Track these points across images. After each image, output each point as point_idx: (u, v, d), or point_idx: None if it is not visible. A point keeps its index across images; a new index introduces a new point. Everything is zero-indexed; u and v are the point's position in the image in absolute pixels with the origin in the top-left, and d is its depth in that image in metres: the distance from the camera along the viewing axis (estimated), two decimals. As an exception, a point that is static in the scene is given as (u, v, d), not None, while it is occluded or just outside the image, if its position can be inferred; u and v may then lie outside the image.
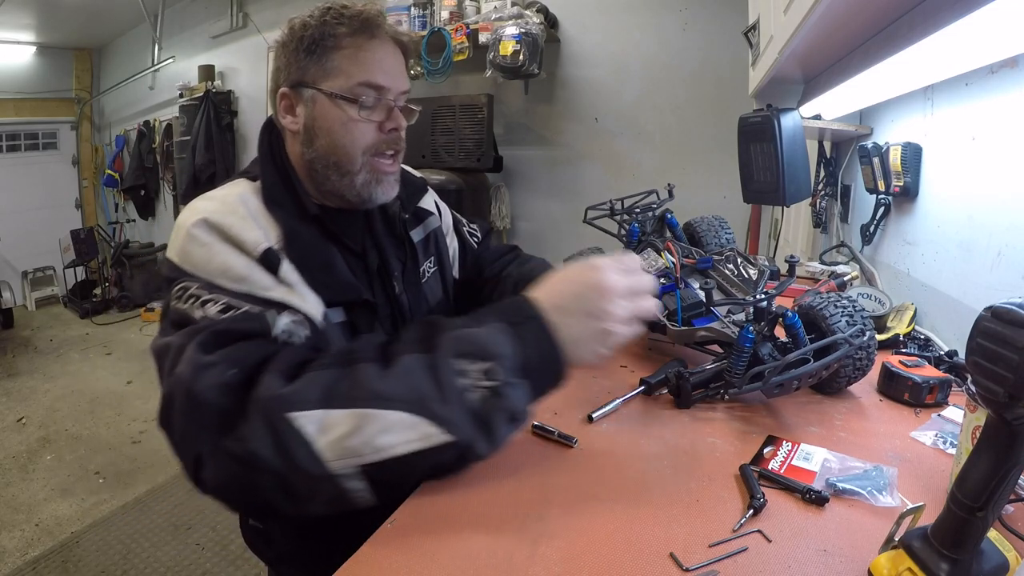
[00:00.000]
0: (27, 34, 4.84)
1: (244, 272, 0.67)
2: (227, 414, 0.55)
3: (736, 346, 0.74)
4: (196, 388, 0.55)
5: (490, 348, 0.56)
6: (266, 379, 0.56)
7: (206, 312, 0.63)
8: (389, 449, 0.53)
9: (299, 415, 0.53)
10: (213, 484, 0.56)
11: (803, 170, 1.26)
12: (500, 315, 0.60)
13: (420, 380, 0.55)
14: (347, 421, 0.53)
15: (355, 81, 0.75)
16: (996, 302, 0.38)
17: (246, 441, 0.53)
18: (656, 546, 0.50)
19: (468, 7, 2.76)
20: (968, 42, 0.72)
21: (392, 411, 0.54)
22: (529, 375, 0.57)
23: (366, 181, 0.78)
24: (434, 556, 0.49)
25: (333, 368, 0.57)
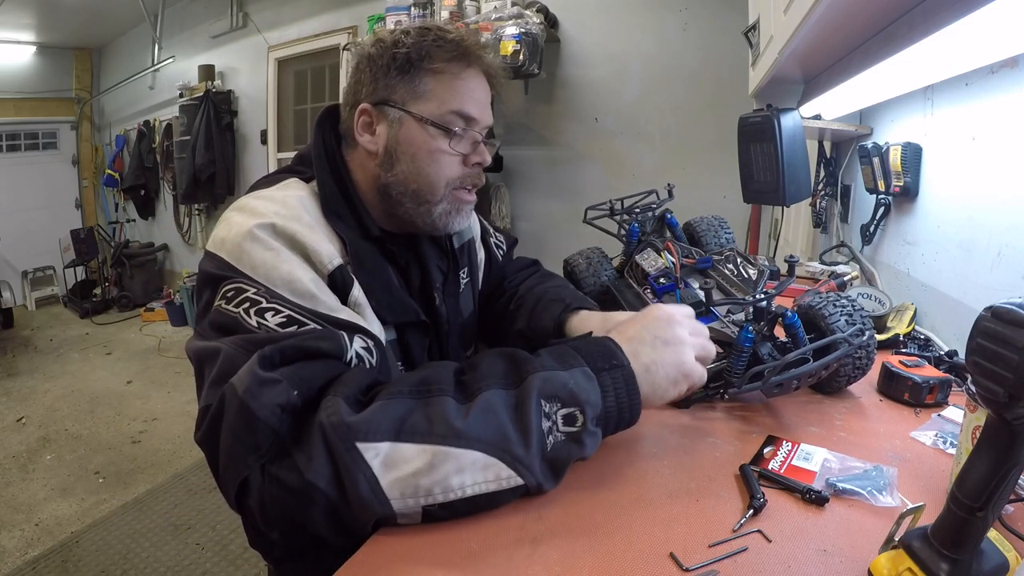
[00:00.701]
0: (27, 34, 4.84)
1: (311, 288, 0.62)
2: (284, 438, 0.52)
3: (736, 346, 0.74)
4: (253, 405, 0.50)
5: (578, 395, 0.55)
6: (331, 403, 0.52)
7: (265, 321, 0.58)
8: (459, 490, 0.50)
9: (367, 446, 0.49)
10: (259, 511, 0.51)
11: (803, 170, 1.26)
12: (587, 358, 0.58)
13: (503, 420, 0.52)
14: (420, 458, 0.50)
15: (447, 109, 0.72)
16: (996, 302, 0.37)
17: (302, 470, 0.50)
18: (656, 546, 0.50)
19: (468, 7, 2.76)
20: (968, 42, 0.72)
21: (470, 451, 0.50)
22: (607, 423, 0.57)
23: (445, 211, 0.75)
24: (434, 556, 0.49)
25: (407, 398, 0.53)
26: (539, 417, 0.53)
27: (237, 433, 0.51)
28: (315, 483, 0.49)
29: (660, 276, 0.96)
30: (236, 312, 0.59)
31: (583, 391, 0.55)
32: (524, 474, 0.52)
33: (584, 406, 0.55)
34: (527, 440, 0.52)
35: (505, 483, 0.52)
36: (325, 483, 0.49)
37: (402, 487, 0.49)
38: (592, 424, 0.55)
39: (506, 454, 0.51)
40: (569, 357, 0.58)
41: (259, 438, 0.51)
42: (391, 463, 0.50)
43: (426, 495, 0.50)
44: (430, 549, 0.50)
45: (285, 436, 0.52)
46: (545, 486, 0.54)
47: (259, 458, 0.51)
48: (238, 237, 0.63)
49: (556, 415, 0.54)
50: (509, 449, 0.51)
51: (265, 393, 0.51)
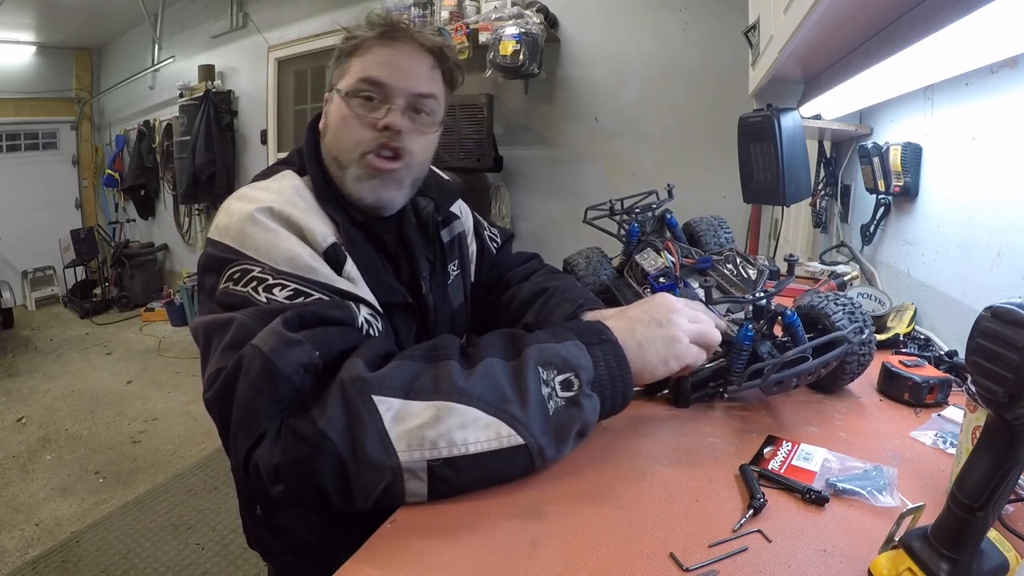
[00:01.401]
0: (27, 34, 4.84)
1: (311, 263, 0.67)
2: (304, 395, 0.54)
3: (735, 344, 0.74)
4: (278, 363, 0.53)
5: (571, 360, 0.58)
6: (352, 362, 0.56)
7: (273, 295, 0.61)
8: (463, 445, 0.53)
9: (380, 399, 0.53)
10: (268, 463, 0.53)
11: (803, 170, 1.26)
12: (577, 334, 0.62)
13: (502, 382, 0.56)
14: (426, 412, 0.53)
15: (357, 78, 0.77)
16: (996, 302, 0.37)
17: (318, 421, 0.52)
18: (656, 546, 0.50)
19: (468, 7, 2.76)
20: (968, 42, 0.72)
21: (471, 408, 0.53)
22: (602, 391, 0.60)
23: (357, 176, 0.77)
24: (434, 556, 0.49)
25: (418, 361, 0.58)
26: (537, 382, 0.56)
27: (259, 387, 0.53)
28: (327, 432, 0.51)
29: (660, 276, 0.96)
30: (245, 291, 0.62)
31: (575, 357, 0.59)
32: (523, 433, 0.54)
33: (578, 370, 0.58)
34: (525, 401, 0.55)
35: (506, 441, 0.54)
36: (337, 433, 0.52)
37: (409, 438, 0.52)
38: (588, 388, 0.58)
39: (505, 413, 0.54)
40: (561, 333, 0.62)
41: (281, 393, 0.53)
42: (400, 417, 0.53)
43: (431, 447, 0.52)
44: (430, 549, 0.50)
45: (305, 394, 0.54)
46: (547, 451, 0.56)
47: (279, 411, 0.54)
48: (239, 222, 0.67)
49: (554, 381, 0.57)
50: (508, 408, 0.54)
51: (290, 352, 0.54)
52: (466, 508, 0.55)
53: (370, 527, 0.54)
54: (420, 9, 2.90)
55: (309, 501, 0.54)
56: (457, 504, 0.56)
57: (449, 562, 0.48)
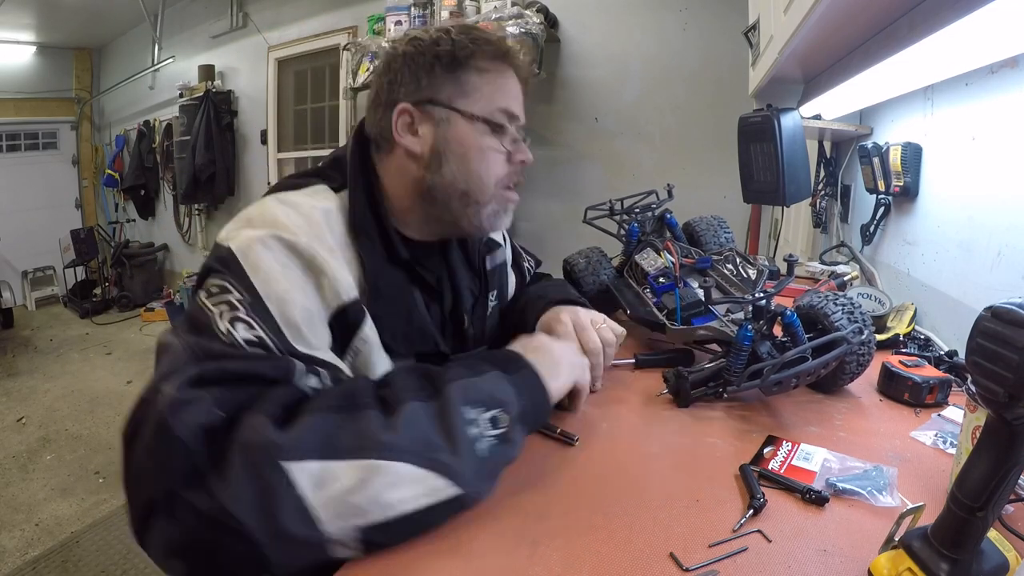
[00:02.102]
0: (27, 34, 4.84)
1: (299, 319, 0.58)
2: (201, 462, 0.46)
3: (735, 344, 0.74)
4: (172, 422, 0.46)
5: (497, 395, 0.56)
6: (252, 420, 0.48)
7: (233, 331, 0.54)
8: (397, 506, 0.47)
9: (292, 465, 0.45)
10: (162, 540, 0.46)
11: (803, 170, 1.26)
12: (494, 363, 0.60)
13: (428, 429, 0.51)
14: (350, 474, 0.46)
15: (496, 106, 0.70)
16: (996, 302, 0.37)
17: (217, 495, 0.44)
18: (656, 546, 0.50)
19: (468, 7, 2.76)
20: (968, 42, 0.72)
21: (400, 463, 0.48)
22: (526, 420, 0.59)
23: (493, 212, 0.73)
24: (434, 556, 0.49)
25: (332, 413, 0.50)
26: (464, 424, 0.52)
27: (152, 451, 0.47)
28: (231, 508, 0.44)
29: (659, 275, 0.96)
30: (212, 311, 0.55)
31: (501, 391, 0.57)
32: (458, 481, 0.50)
33: (505, 405, 0.56)
34: (455, 447, 0.51)
35: (441, 494, 0.49)
36: (244, 508, 0.44)
37: (335, 507, 0.45)
38: (514, 422, 0.56)
39: (436, 463, 0.49)
40: (479, 364, 0.60)
41: (173, 460, 0.46)
42: (320, 483, 0.46)
43: (361, 515, 0.46)
44: (430, 550, 0.50)
45: (203, 460, 0.46)
46: (482, 494, 0.53)
47: (171, 481, 0.46)
48: (255, 235, 0.60)
49: (482, 419, 0.54)
50: (438, 458, 0.50)
51: (187, 412, 0.47)
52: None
53: None
54: (420, 9, 2.90)
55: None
56: (457, 504, 0.56)
57: (449, 562, 0.48)
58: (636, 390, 0.83)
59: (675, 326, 0.88)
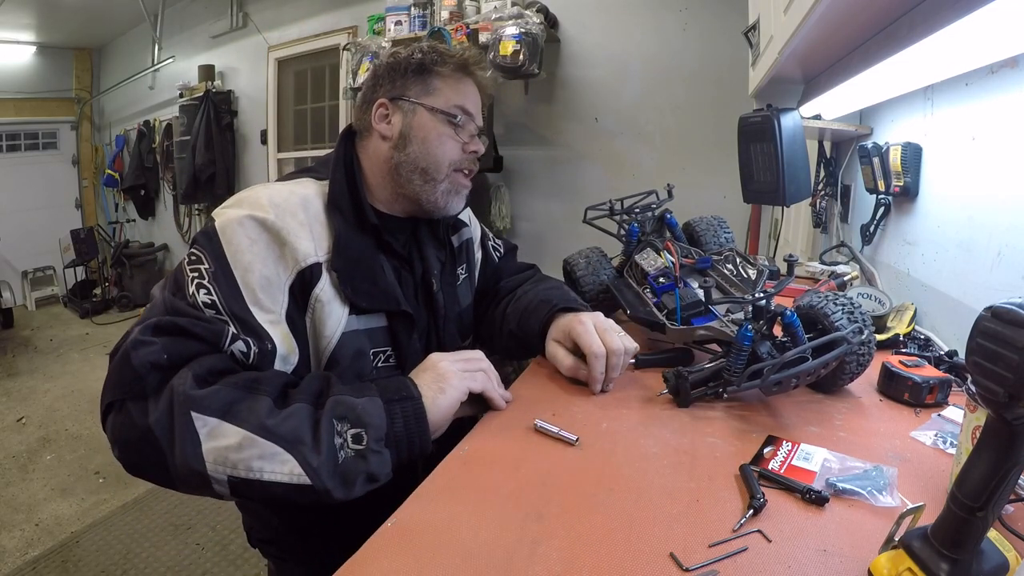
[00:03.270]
0: (27, 34, 4.84)
1: (257, 284, 0.72)
2: (144, 385, 0.62)
3: (735, 345, 0.74)
4: (131, 354, 0.63)
5: (363, 417, 0.64)
6: (183, 375, 0.62)
7: (196, 295, 0.69)
8: (258, 472, 0.60)
9: (198, 417, 0.60)
10: (112, 432, 0.63)
11: (803, 170, 1.26)
12: (383, 391, 0.68)
13: (302, 427, 0.62)
14: (234, 436, 0.60)
15: (453, 103, 0.87)
16: (996, 302, 0.37)
17: (149, 416, 0.61)
18: (656, 546, 0.50)
19: (468, 7, 2.76)
20: (968, 42, 0.72)
21: (272, 444, 0.60)
22: (396, 445, 0.65)
23: (446, 190, 0.88)
24: (434, 556, 0.49)
25: (239, 390, 0.63)
26: (330, 433, 0.62)
27: (116, 370, 0.64)
28: (154, 429, 0.60)
29: (659, 276, 0.96)
30: (187, 276, 0.70)
31: (367, 414, 0.64)
32: (312, 476, 0.60)
33: (367, 427, 0.64)
34: (318, 448, 0.61)
35: (296, 479, 0.60)
36: (162, 432, 0.60)
37: (216, 455, 0.60)
38: (375, 444, 0.64)
39: (300, 455, 0.60)
40: (366, 389, 0.68)
41: (126, 379, 0.62)
42: (213, 435, 0.60)
43: (232, 467, 0.60)
44: (430, 549, 0.50)
45: (148, 386, 0.62)
46: (334, 492, 0.62)
47: (123, 393, 0.62)
48: (235, 215, 0.74)
49: (346, 433, 0.63)
50: (302, 452, 0.61)
51: (143, 349, 0.63)
52: (467, 508, 0.55)
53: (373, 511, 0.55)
54: (420, 9, 2.90)
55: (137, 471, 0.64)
56: (457, 504, 0.56)
57: (449, 562, 0.48)
58: (636, 390, 0.83)
59: (675, 326, 0.88)
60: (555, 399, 0.80)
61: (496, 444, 0.68)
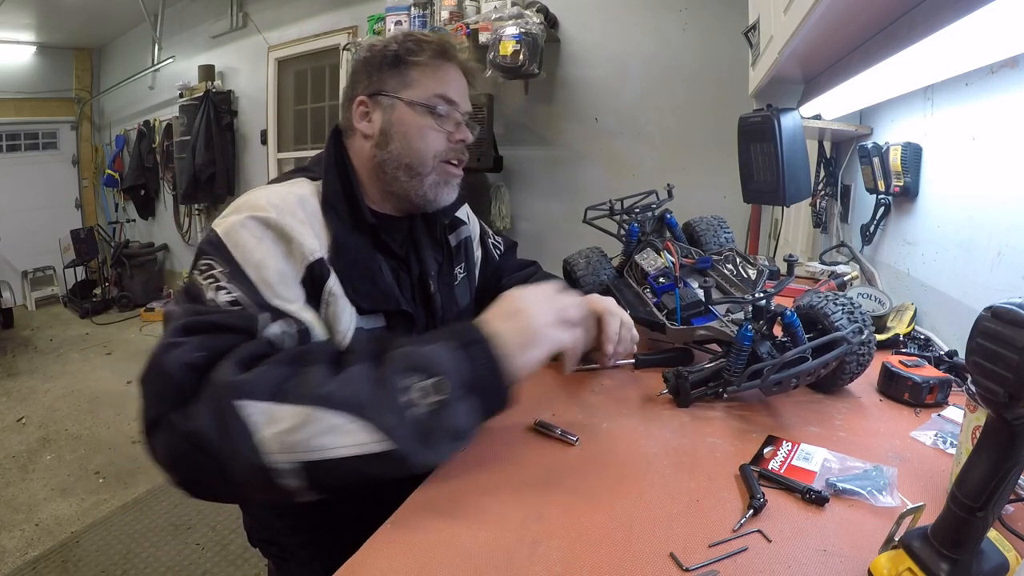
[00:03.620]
0: (27, 34, 4.84)
1: (273, 278, 0.69)
2: (184, 391, 0.57)
3: (735, 344, 0.74)
4: (163, 360, 0.58)
5: (435, 364, 0.58)
6: (223, 365, 0.58)
7: (216, 298, 0.65)
8: (328, 450, 0.54)
9: (246, 403, 0.54)
10: (161, 454, 0.57)
11: (803, 170, 1.26)
12: (449, 336, 0.63)
13: (365, 388, 0.57)
14: (292, 417, 0.54)
15: (432, 93, 0.83)
16: (996, 302, 0.37)
17: (193, 419, 0.55)
18: (656, 546, 0.50)
19: (468, 7, 2.76)
20: (968, 42, 0.72)
21: (335, 413, 0.55)
22: (475, 393, 0.59)
23: (435, 183, 0.85)
24: (434, 556, 0.49)
25: (286, 365, 0.59)
26: (398, 388, 0.57)
27: (150, 381, 0.58)
28: (202, 432, 0.54)
29: (659, 276, 0.96)
30: (202, 284, 0.67)
31: (440, 361, 0.59)
32: (386, 439, 0.55)
33: (444, 375, 0.58)
34: (389, 406, 0.56)
35: (372, 447, 0.54)
36: (212, 433, 0.54)
37: (279, 441, 0.54)
38: (457, 392, 0.58)
39: (368, 420, 0.55)
40: (431, 337, 0.63)
41: (165, 387, 0.57)
42: (268, 420, 0.54)
43: (301, 450, 0.54)
44: (430, 549, 0.50)
45: (187, 391, 0.57)
46: (415, 455, 0.56)
47: (163, 405, 0.56)
48: (236, 219, 0.71)
49: (417, 386, 0.57)
50: (371, 414, 0.55)
51: (174, 351, 0.58)
52: (467, 508, 0.55)
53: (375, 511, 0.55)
54: (420, 9, 2.90)
55: (201, 491, 0.58)
56: (458, 504, 0.56)
57: (449, 562, 0.48)
58: (636, 390, 0.83)
59: (675, 326, 0.88)
60: (555, 399, 0.80)
61: (496, 444, 0.68)
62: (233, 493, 0.57)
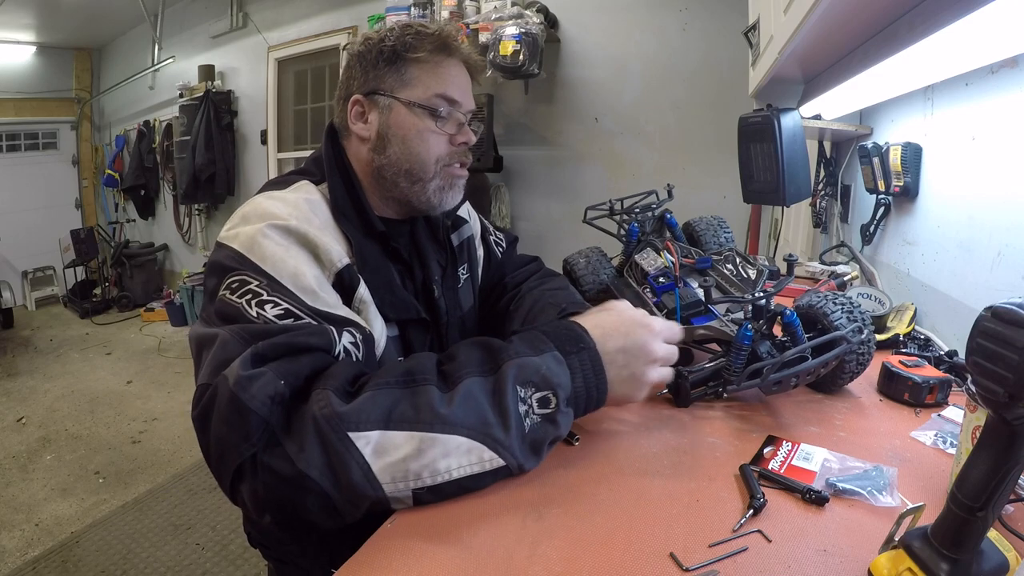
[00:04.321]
0: (27, 34, 4.84)
1: (313, 285, 0.65)
2: (273, 426, 0.53)
3: (735, 344, 0.74)
4: (243, 396, 0.52)
5: (550, 378, 0.58)
6: (322, 396, 0.54)
7: (264, 312, 0.61)
8: (446, 473, 0.53)
9: (359, 435, 0.52)
10: (252, 499, 0.54)
11: (803, 170, 1.26)
12: (555, 341, 0.62)
13: (483, 406, 0.56)
14: (408, 444, 0.53)
15: (432, 92, 0.78)
16: (996, 302, 0.37)
17: (295, 459, 0.51)
18: (656, 546, 0.50)
19: (468, 7, 2.76)
20: (968, 42, 0.72)
21: (454, 436, 0.54)
22: (577, 403, 0.61)
23: (438, 187, 0.81)
24: (434, 556, 0.49)
25: (394, 388, 0.56)
26: (515, 402, 0.57)
27: (230, 422, 0.53)
28: (307, 472, 0.51)
29: (659, 275, 0.96)
30: (239, 303, 0.62)
31: (554, 375, 0.59)
32: (505, 456, 0.55)
33: (556, 389, 0.58)
34: (506, 423, 0.56)
35: (488, 464, 0.55)
36: (318, 472, 0.52)
37: (393, 472, 0.52)
38: (564, 405, 0.59)
39: (488, 437, 0.55)
40: (539, 342, 0.62)
41: (250, 427, 0.52)
42: (381, 450, 0.52)
43: (415, 479, 0.53)
44: (430, 549, 0.50)
45: (275, 426, 0.53)
46: (526, 466, 0.57)
47: (251, 446, 0.53)
48: (252, 231, 0.66)
49: (531, 399, 0.58)
50: (490, 433, 0.55)
51: (254, 385, 0.53)
52: (466, 508, 0.55)
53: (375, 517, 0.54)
54: (420, 9, 2.90)
55: (295, 526, 0.55)
56: (458, 504, 0.56)
57: (449, 562, 0.48)
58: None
59: (675, 326, 0.88)
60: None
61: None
62: (334, 524, 0.55)
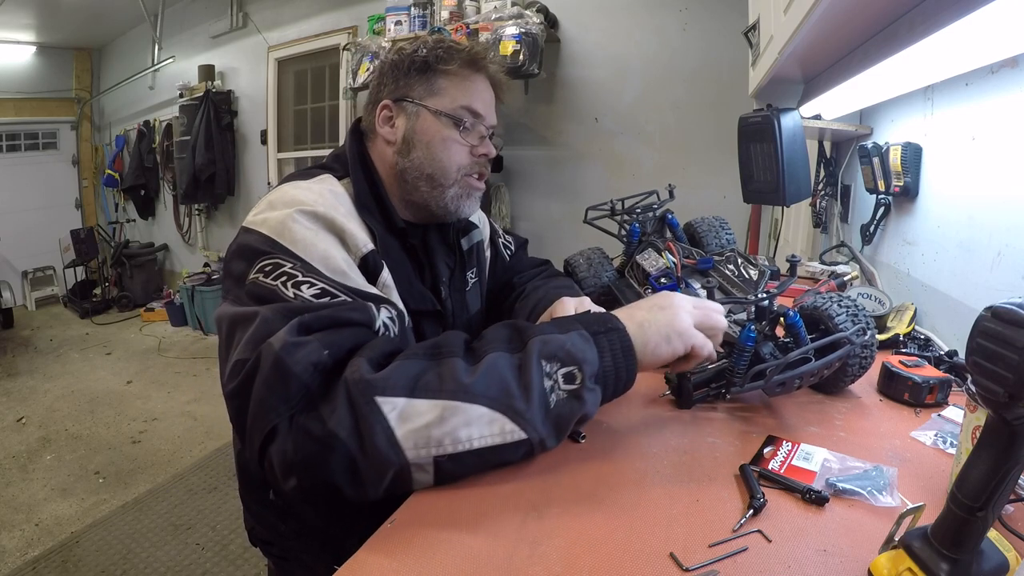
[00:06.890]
0: (27, 34, 4.84)
1: (343, 266, 0.69)
2: (312, 392, 0.56)
3: (738, 345, 0.74)
4: (288, 360, 0.55)
5: (575, 353, 0.59)
6: (355, 363, 0.57)
7: (301, 292, 0.63)
8: (467, 442, 0.55)
9: (384, 400, 0.54)
10: (281, 459, 0.55)
11: (803, 170, 1.26)
12: (584, 323, 0.64)
13: (506, 378, 0.57)
14: (431, 411, 0.54)
15: (458, 104, 0.82)
16: (996, 302, 0.37)
17: (326, 420, 0.54)
18: (656, 546, 0.50)
19: (468, 7, 2.76)
20: (968, 42, 0.72)
21: (476, 405, 0.55)
22: (605, 382, 0.61)
23: (456, 195, 0.84)
24: (434, 556, 0.49)
25: (421, 359, 0.59)
26: (540, 376, 0.57)
27: (271, 385, 0.56)
28: (336, 432, 0.53)
29: (661, 276, 0.96)
30: (274, 284, 0.64)
31: (579, 350, 0.60)
32: (526, 428, 0.56)
33: (581, 364, 0.59)
34: (528, 396, 0.56)
35: (509, 436, 0.56)
36: (346, 433, 0.54)
37: (415, 438, 0.54)
38: (591, 381, 0.59)
39: (509, 409, 0.56)
40: (567, 324, 0.64)
41: (291, 390, 0.55)
42: (406, 416, 0.54)
43: (437, 445, 0.54)
44: (430, 549, 0.50)
45: (314, 391, 0.56)
46: (548, 442, 0.58)
47: (289, 408, 0.55)
48: (281, 216, 0.69)
49: (557, 374, 0.58)
50: (512, 404, 0.56)
51: (299, 351, 0.56)
52: (467, 508, 0.55)
53: (376, 514, 0.55)
54: (420, 9, 2.90)
55: (322, 493, 0.56)
56: (458, 504, 0.56)
57: (450, 562, 0.48)
58: (638, 390, 0.82)
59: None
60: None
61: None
62: (357, 493, 0.56)
